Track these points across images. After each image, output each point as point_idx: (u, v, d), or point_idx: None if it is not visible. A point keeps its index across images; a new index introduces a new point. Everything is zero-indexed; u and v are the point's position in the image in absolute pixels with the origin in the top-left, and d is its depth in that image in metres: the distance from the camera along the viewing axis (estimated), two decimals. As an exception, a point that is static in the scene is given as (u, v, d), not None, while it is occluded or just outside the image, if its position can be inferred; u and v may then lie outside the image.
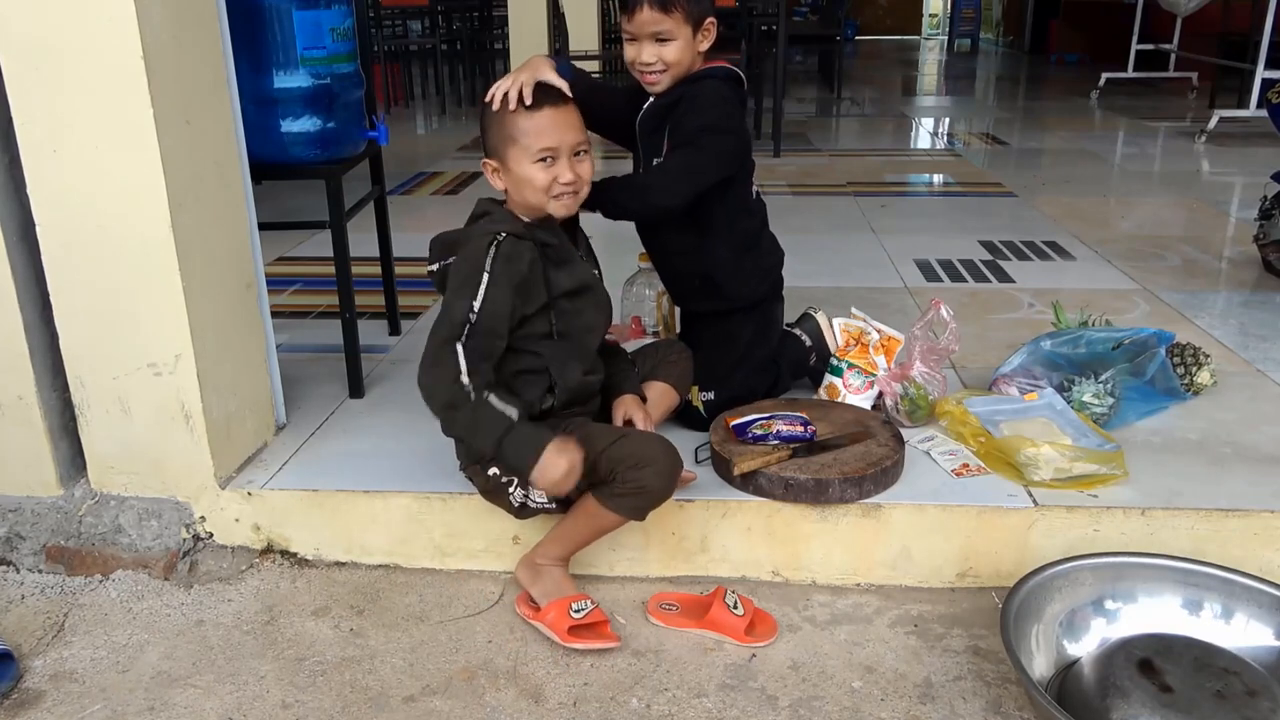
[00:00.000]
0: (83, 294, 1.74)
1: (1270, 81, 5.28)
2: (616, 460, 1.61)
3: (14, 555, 1.88)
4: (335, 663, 1.64)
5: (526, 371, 1.71)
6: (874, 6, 15.32)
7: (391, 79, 7.78)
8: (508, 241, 1.64)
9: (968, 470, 1.88)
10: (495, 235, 1.64)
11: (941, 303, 2.07)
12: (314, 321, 2.80)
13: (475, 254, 1.63)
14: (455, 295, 1.61)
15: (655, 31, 1.87)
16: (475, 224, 1.71)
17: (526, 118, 1.67)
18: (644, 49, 1.89)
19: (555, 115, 1.67)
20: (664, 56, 1.88)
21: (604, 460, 1.61)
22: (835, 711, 1.52)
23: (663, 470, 1.62)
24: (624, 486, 1.61)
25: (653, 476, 1.60)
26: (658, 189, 1.93)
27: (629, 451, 1.61)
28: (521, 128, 1.67)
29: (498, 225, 1.66)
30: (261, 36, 1.98)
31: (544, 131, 1.66)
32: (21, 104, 1.64)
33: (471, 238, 1.66)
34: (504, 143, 1.68)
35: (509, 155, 1.68)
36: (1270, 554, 1.76)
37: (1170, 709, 1.35)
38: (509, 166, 1.69)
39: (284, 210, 2.35)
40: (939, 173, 5.06)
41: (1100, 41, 9.44)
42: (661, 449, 1.63)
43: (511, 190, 1.72)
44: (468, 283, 1.61)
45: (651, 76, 1.92)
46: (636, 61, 1.91)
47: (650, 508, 1.65)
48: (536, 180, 1.67)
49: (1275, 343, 2.57)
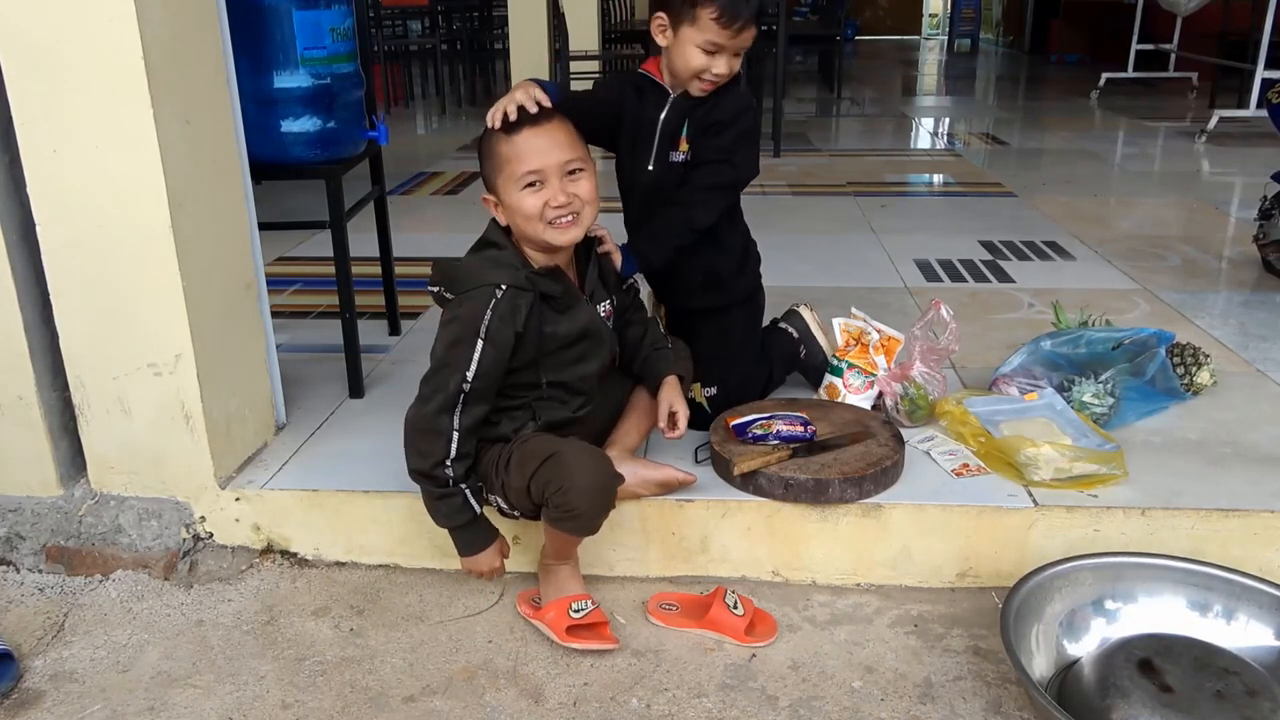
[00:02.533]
0: (83, 294, 1.74)
1: (1270, 81, 5.28)
2: (543, 484, 1.58)
3: (14, 555, 1.88)
4: (335, 663, 1.64)
5: (510, 409, 1.71)
6: (874, 6, 15.32)
7: (391, 79, 7.79)
8: (506, 298, 1.59)
9: (968, 470, 1.88)
10: (494, 290, 1.59)
11: (941, 303, 2.07)
12: (314, 321, 2.80)
13: (473, 315, 1.58)
14: (450, 355, 1.59)
15: (743, 48, 1.88)
16: (479, 255, 1.67)
17: (506, 142, 1.61)
18: (722, 61, 1.87)
19: (535, 135, 1.59)
20: (733, 68, 1.89)
21: (534, 485, 1.60)
22: (835, 711, 1.52)
23: (586, 490, 1.56)
24: (555, 511, 1.59)
25: (578, 499, 1.56)
26: (702, 208, 1.93)
27: (553, 475, 1.57)
28: (503, 153, 1.61)
29: (500, 273, 1.60)
30: (261, 36, 1.98)
31: (525, 154, 1.59)
32: (21, 104, 1.64)
33: (470, 284, 1.61)
34: (494, 171, 1.63)
35: (499, 183, 1.62)
36: (1270, 554, 1.76)
37: (1170, 709, 1.35)
38: (502, 196, 1.64)
39: (284, 210, 2.35)
40: (939, 173, 5.06)
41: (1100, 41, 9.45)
42: (589, 468, 1.57)
43: (512, 225, 1.66)
44: (464, 344, 1.58)
45: (710, 86, 1.91)
46: (710, 71, 1.86)
47: (592, 524, 1.61)
48: (526, 208, 1.60)
49: (1275, 343, 2.57)
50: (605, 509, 1.62)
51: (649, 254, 1.92)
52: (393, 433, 2.06)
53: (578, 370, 1.73)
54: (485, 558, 1.68)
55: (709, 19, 1.80)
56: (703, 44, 1.83)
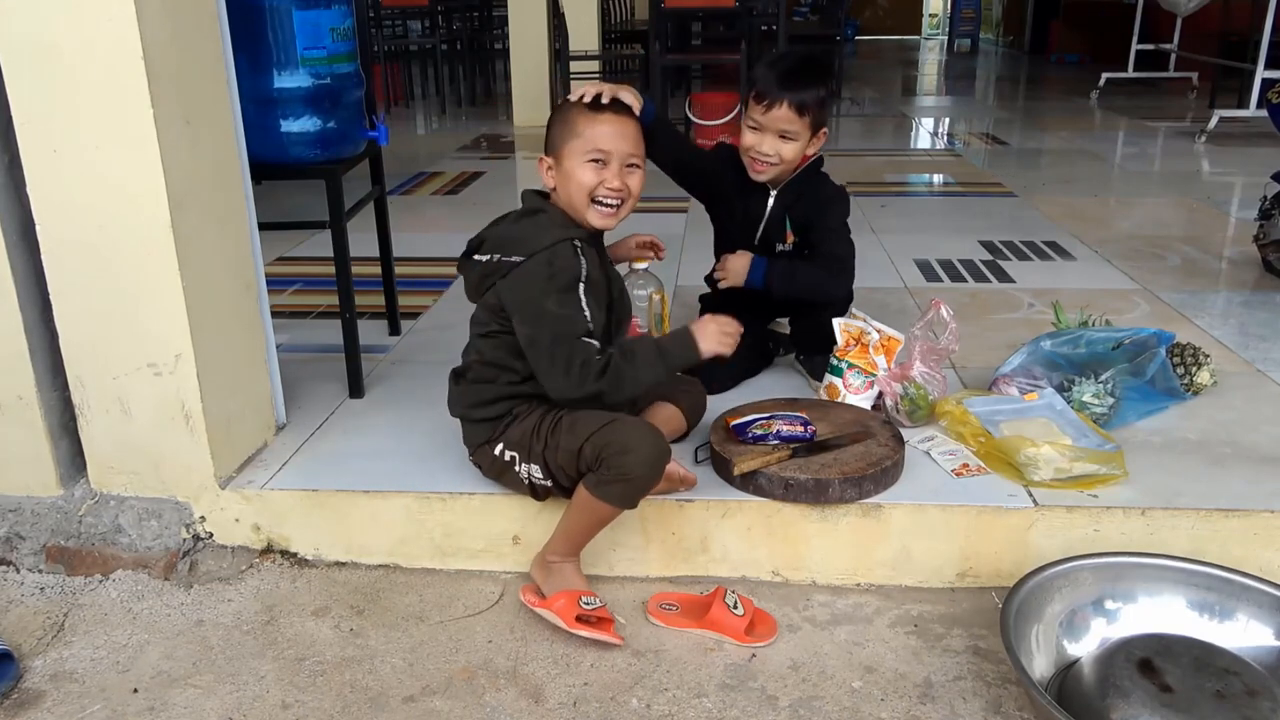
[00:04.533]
0: (83, 294, 1.74)
1: (1270, 81, 5.28)
2: (601, 446, 1.61)
3: (14, 555, 1.88)
4: (335, 663, 1.64)
5: None
6: (874, 6, 15.33)
7: (391, 79, 7.79)
8: (584, 249, 1.67)
9: (968, 470, 1.88)
10: (572, 243, 1.65)
11: (941, 303, 2.07)
12: (314, 321, 2.80)
13: (566, 266, 1.64)
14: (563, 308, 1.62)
15: (783, 129, 2.02)
16: (533, 219, 1.71)
17: (588, 117, 1.69)
18: (766, 140, 2.04)
19: (616, 122, 1.69)
20: (782, 153, 2.05)
21: (589, 447, 1.62)
22: (835, 711, 1.52)
23: (645, 457, 1.61)
24: (609, 473, 1.61)
25: (636, 463, 1.60)
26: (838, 281, 2.17)
27: (613, 438, 1.61)
28: (582, 125, 1.68)
29: (568, 230, 1.67)
30: (261, 36, 1.98)
31: (602, 134, 1.68)
32: (21, 104, 1.64)
33: (542, 243, 1.65)
34: (563, 137, 1.70)
35: (565, 149, 1.69)
36: (1270, 554, 1.76)
37: (1170, 709, 1.35)
38: (562, 161, 1.70)
39: (284, 210, 2.35)
40: (939, 173, 5.06)
41: (1100, 41, 9.46)
42: (646, 436, 1.63)
43: (559, 189, 1.72)
44: (570, 293, 1.63)
45: (761, 166, 2.08)
46: (754, 150, 2.06)
47: (638, 495, 1.65)
48: (584, 179, 1.68)
49: (1275, 343, 2.57)
50: (655, 481, 1.66)
51: (777, 285, 2.11)
52: (393, 433, 2.08)
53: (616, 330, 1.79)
54: (707, 339, 1.69)
55: (751, 98, 2.03)
56: (749, 123, 2.05)
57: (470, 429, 1.80)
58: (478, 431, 1.78)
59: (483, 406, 1.75)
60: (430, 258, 3.33)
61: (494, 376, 1.73)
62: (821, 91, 2.05)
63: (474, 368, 1.77)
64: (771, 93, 2.01)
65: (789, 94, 2.01)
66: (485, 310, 1.74)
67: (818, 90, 2.04)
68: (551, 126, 1.73)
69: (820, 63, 2.10)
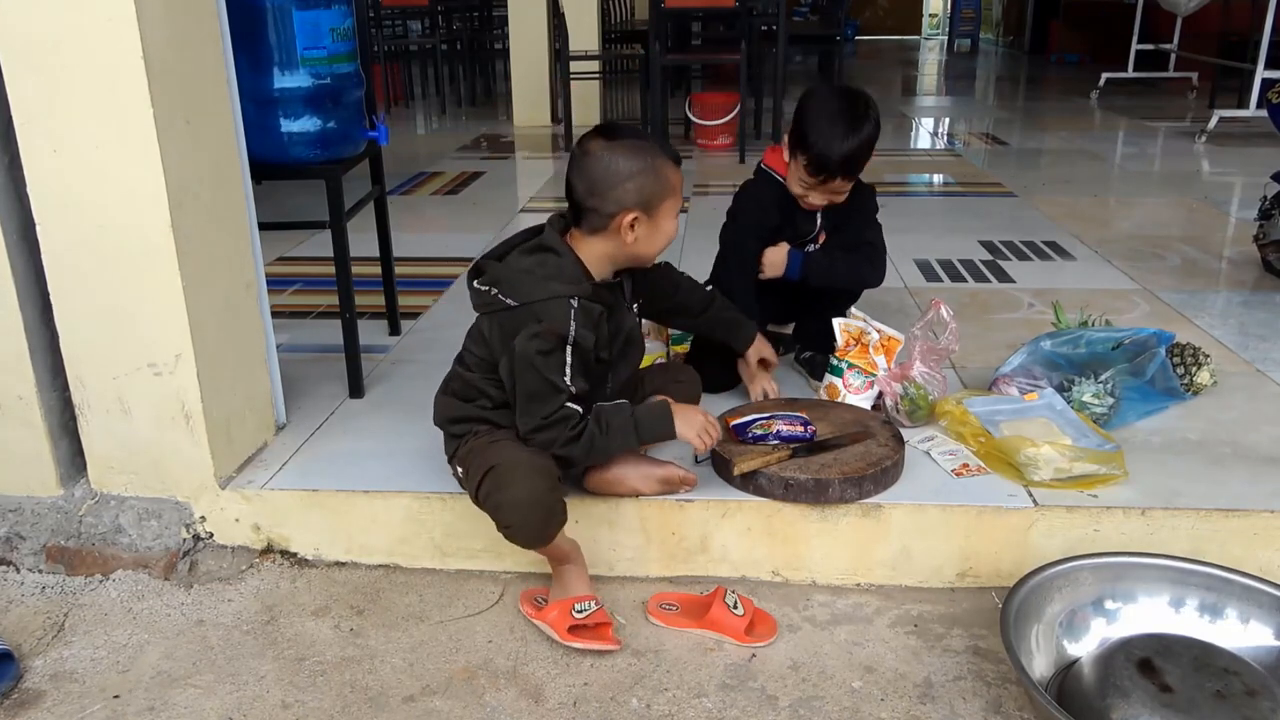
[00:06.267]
0: (83, 294, 1.74)
1: (1270, 81, 5.29)
2: (484, 496, 1.60)
3: (14, 555, 1.88)
4: (335, 663, 1.64)
5: None
6: (874, 6, 15.33)
7: (391, 79, 7.78)
8: (581, 308, 1.60)
9: (968, 470, 1.88)
10: (569, 301, 1.59)
11: (941, 303, 2.07)
12: (314, 321, 2.80)
13: (556, 326, 1.58)
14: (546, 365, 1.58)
15: (835, 192, 2.12)
16: (541, 260, 1.64)
17: (676, 173, 1.67)
18: (820, 197, 2.12)
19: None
20: (834, 200, 2.14)
21: (480, 495, 1.62)
22: (835, 711, 1.52)
23: (518, 504, 1.57)
24: (499, 526, 1.60)
25: (511, 512, 1.58)
26: (882, 262, 2.24)
27: (490, 489, 1.59)
28: (675, 184, 1.66)
29: (567, 286, 1.61)
30: (261, 36, 1.98)
31: (680, 187, 1.68)
32: (21, 104, 1.64)
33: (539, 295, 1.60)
34: (661, 196, 1.64)
35: (663, 207, 1.64)
36: (1270, 554, 1.76)
37: (1170, 709, 1.35)
38: (658, 218, 1.65)
39: (284, 210, 2.35)
40: (939, 173, 5.06)
41: (1100, 41, 9.45)
42: (520, 480, 1.57)
43: (639, 244, 1.65)
44: (555, 354, 1.58)
45: (810, 207, 2.18)
46: (808, 201, 2.14)
47: (536, 539, 1.62)
48: (673, 230, 1.68)
49: (1275, 343, 2.57)
50: (545, 520, 1.59)
51: (814, 276, 2.19)
52: (393, 433, 2.08)
53: (615, 371, 1.76)
54: (686, 425, 1.70)
55: (802, 164, 2.07)
56: (799, 179, 2.10)
57: (445, 440, 1.79)
58: (448, 445, 1.77)
59: (453, 423, 1.75)
60: (430, 258, 3.34)
61: (472, 396, 1.72)
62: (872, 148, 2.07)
63: (457, 380, 1.76)
64: (826, 169, 2.04)
65: (840, 169, 2.04)
66: (478, 330, 1.73)
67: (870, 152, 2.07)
68: (645, 184, 1.62)
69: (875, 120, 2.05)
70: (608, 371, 1.74)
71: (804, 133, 2.04)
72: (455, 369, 1.78)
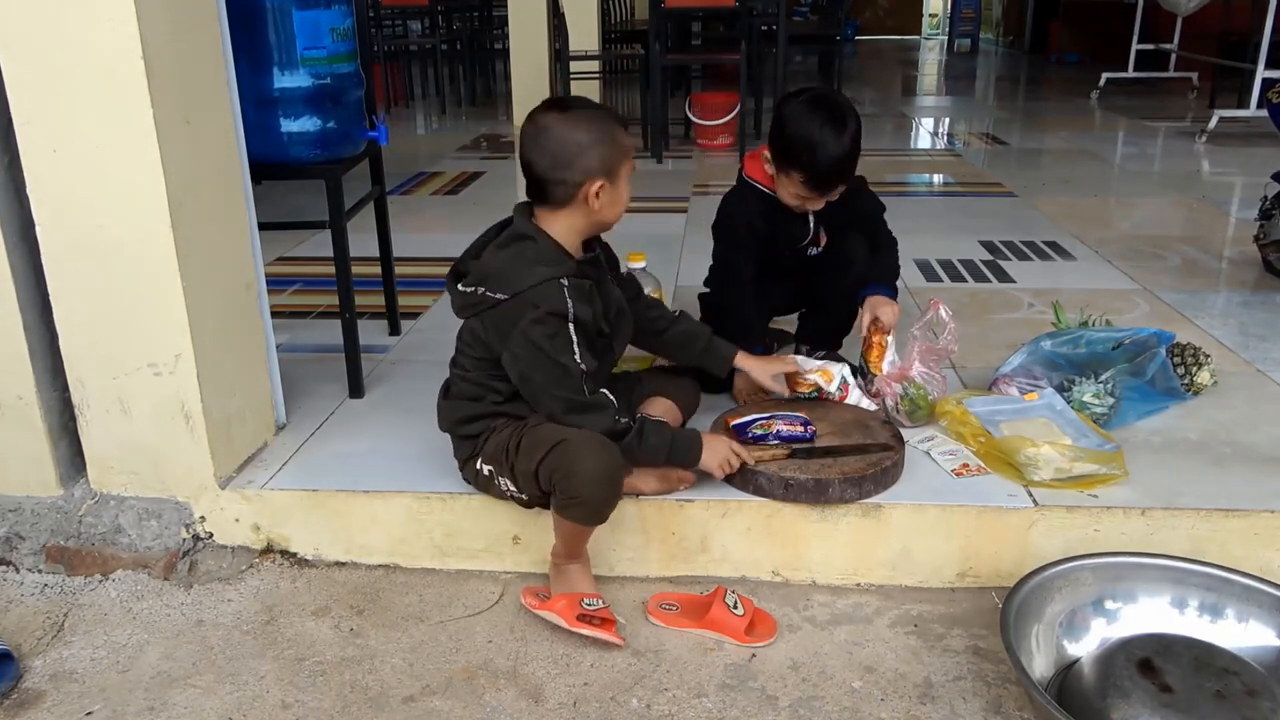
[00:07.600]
0: (83, 294, 1.74)
1: (1270, 81, 5.29)
2: (551, 470, 1.60)
3: (14, 555, 1.88)
4: (335, 663, 1.64)
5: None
6: (874, 6, 15.32)
7: (391, 79, 7.78)
8: (573, 286, 1.63)
9: (968, 470, 1.88)
10: (559, 281, 1.61)
11: (941, 303, 2.07)
12: (314, 321, 2.80)
13: (554, 307, 1.60)
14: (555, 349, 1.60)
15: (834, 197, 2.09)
16: (518, 250, 1.65)
17: (629, 135, 1.69)
18: (819, 203, 2.10)
19: None
20: (830, 200, 2.10)
21: (542, 470, 1.61)
22: (835, 711, 1.52)
23: (592, 477, 1.57)
24: (562, 497, 1.60)
25: (584, 485, 1.58)
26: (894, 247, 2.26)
27: (560, 462, 1.58)
28: (629, 145, 1.69)
29: (554, 268, 1.62)
30: (261, 36, 1.98)
31: (632, 149, 1.70)
32: (21, 104, 1.64)
33: (528, 281, 1.61)
34: (619, 160, 1.66)
35: (621, 171, 1.67)
36: (1270, 554, 1.76)
37: (1170, 709, 1.35)
38: (618, 183, 1.67)
39: (284, 210, 2.35)
40: (939, 173, 5.06)
41: (1100, 41, 9.44)
42: (592, 455, 1.58)
43: (603, 210, 1.67)
44: (560, 335, 1.61)
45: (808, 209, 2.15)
46: (804, 208, 2.12)
47: (598, 512, 1.62)
48: (628, 195, 1.69)
49: (1275, 343, 2.57)
50: (612, 497, 1.62)
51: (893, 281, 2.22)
52: (393, 433, 2.08)
53: (610, 348, 1.77)
54: (711, 454, 1.73)
55: (798, 180, 2.03)
56: (795, 194, 2.07)
57: (456, 444, 1.79)
58: (462, 447, 1.77)
59: (466, 424, 1.75)
60: (430, 258, 3.33)
61: (479, 395, 1.72)
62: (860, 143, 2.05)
63: (458, 383, 1.76)
64: (825, 185, 2.03)
65: (838, 180, 2.04)
66: (469, 332, 1.73)
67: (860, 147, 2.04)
68: (599, 146, 1.63)
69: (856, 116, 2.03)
70: (610, 343, 1.75)
71: (792, 151, 2.00)
72: (453, 373, 1.78)
